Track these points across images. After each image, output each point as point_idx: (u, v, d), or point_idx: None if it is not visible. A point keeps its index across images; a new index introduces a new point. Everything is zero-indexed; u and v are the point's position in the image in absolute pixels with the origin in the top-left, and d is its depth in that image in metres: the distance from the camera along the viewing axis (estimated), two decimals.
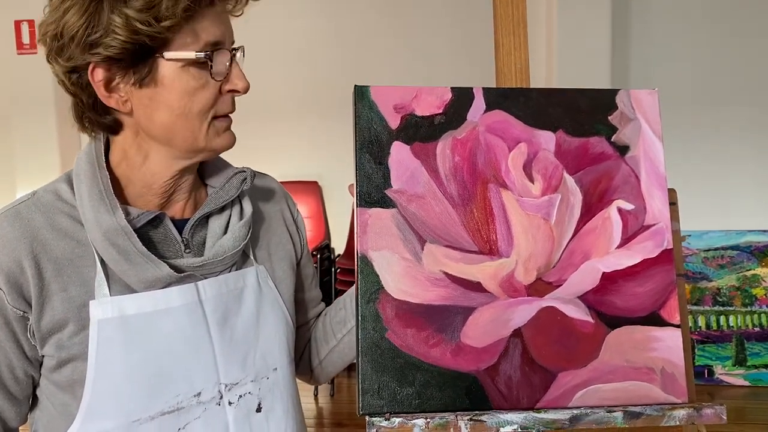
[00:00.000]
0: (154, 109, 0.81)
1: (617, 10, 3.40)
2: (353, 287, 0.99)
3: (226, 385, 0.87)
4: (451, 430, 0.81)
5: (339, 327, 1.03)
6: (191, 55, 0.79)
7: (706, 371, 3.53)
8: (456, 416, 0.81)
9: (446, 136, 0.90)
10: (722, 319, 3.56)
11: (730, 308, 3.56)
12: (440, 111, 0.90)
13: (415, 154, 0.89)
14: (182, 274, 0.84)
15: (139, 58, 0.78)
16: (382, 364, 0.83)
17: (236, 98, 0.87)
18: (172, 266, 0.83)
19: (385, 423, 0.80)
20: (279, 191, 1.03)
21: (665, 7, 3.59)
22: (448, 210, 0.88)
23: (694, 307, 3.56)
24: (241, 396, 0.88)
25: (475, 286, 0.86)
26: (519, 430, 0.81)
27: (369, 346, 0.84)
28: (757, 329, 3.53)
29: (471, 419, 0.81)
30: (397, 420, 0.80)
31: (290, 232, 1.02)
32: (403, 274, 0.86)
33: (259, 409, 0.90)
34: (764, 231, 3.60)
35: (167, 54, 0.78)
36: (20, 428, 0.89)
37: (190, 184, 0.90)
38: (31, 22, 3.87)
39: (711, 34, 3.59)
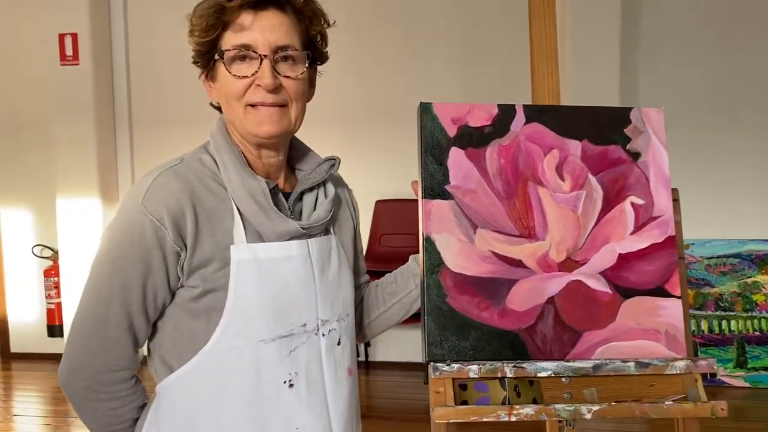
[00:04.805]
0: (219, 98, 1.06)
1: (627, 31, 3.62)
2: (402, 268, 1.22)
3: (322, 321, 1.09)
4: (498, 374, 1.02)
5: (390, 297, 1.25)
6: (220, 55, 1.02)
7: (708, 373, 3.69)
8: (503, 364, 1.02)
9: (494, 143, 1.12)
10: (724, 323, 3.74)
11: (732, 313, 3.74)
12: (489, 123, 1.12)
13: (468, 157, 1.11)
14: (303, 231, 1.06)
15: (208, 61, 1.04)
16: (443, 323, 1.05)
17: None
18: None
19: (446, 368, 1.02)
20: (343, 179, 1.27)
21: (673, 29, 3.81)
22: (495, 202, 1.10)
23: (697, 312, 3.75)
24: (330, 330, 1.11)
25: (517, 263, 1.08)
26: (552, 375, 1.03)
27: (433, 309, 1.05)
28: (757, 333, 3.71)
29: (514, 366, 1.02)
30: (456, 366, 1.02)
31: (350, 212, 1.25)
32: (459, 252, 1.08)
33: (339, 343, 1.13)
34: (765, 240, 3.78)
35: (217, 56, 1.02)
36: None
37: (280, 165, 1.12)
38: (74, 36, 4.10)
39: (716, 53, 3.79)
